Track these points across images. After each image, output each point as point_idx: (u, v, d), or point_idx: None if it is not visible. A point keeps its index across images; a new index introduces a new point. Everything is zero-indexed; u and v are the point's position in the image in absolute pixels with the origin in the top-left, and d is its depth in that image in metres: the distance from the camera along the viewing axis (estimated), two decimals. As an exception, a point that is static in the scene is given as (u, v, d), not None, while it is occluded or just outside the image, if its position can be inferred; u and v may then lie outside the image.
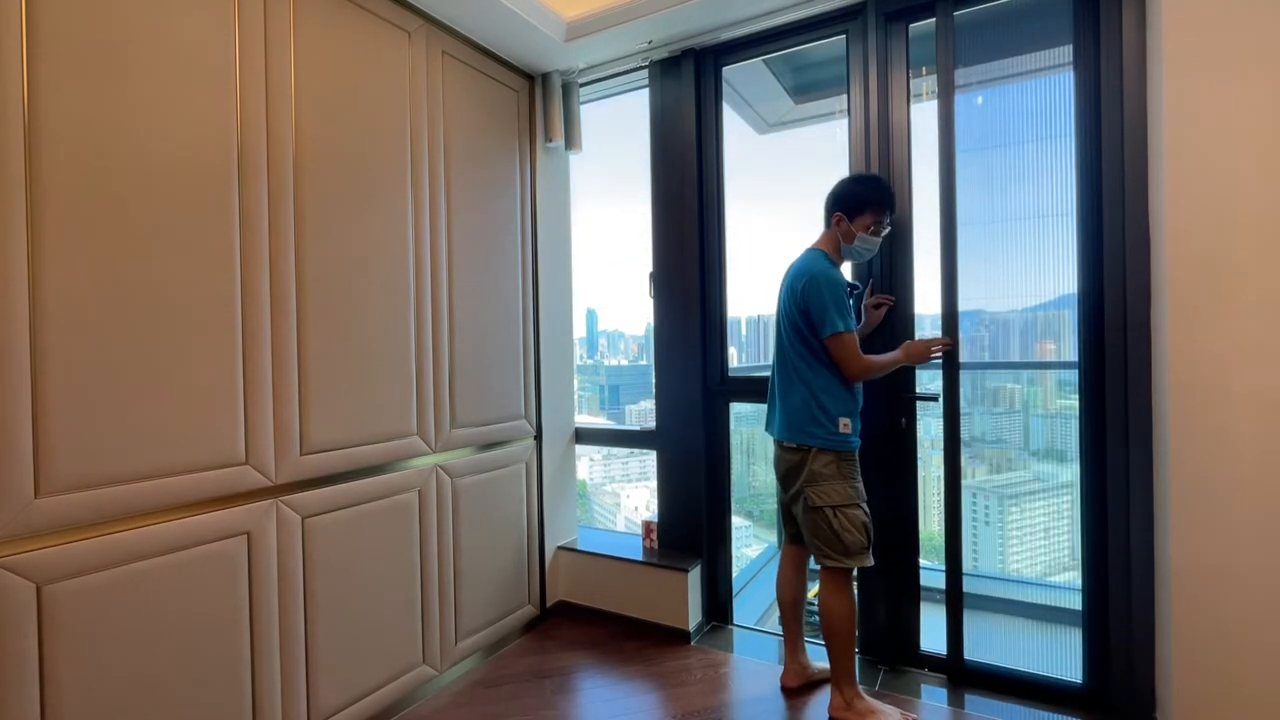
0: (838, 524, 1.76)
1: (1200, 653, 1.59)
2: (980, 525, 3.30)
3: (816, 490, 1.79)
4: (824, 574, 1.82)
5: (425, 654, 2.02)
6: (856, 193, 1.86)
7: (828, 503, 1.78)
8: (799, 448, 1.83)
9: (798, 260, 1.94)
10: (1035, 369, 2.37)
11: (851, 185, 1.89)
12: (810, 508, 1.80)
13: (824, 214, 1.94)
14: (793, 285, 1.85)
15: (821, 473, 1.79)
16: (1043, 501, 2.42)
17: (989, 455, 3.27)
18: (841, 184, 1.91)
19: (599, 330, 3.87)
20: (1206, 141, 1.57)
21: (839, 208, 1.87)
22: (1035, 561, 2.43)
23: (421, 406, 2.02)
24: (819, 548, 1.80)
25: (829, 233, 1.91)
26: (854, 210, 1.85)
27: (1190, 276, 1.59)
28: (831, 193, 1.92)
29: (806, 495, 1.81)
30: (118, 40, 1.33)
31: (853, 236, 1.85)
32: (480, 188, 2.27)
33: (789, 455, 1.87)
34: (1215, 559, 1.57)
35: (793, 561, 2.03)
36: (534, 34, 2.22)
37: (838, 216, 1.87)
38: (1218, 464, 1.56)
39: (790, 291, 1.86)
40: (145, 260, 1.36)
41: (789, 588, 2.03)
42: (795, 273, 1.88)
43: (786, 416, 1.87)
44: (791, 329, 1.85)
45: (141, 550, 1.36)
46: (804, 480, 1.82)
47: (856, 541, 1.76)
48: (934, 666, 2.08)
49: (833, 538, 1.77)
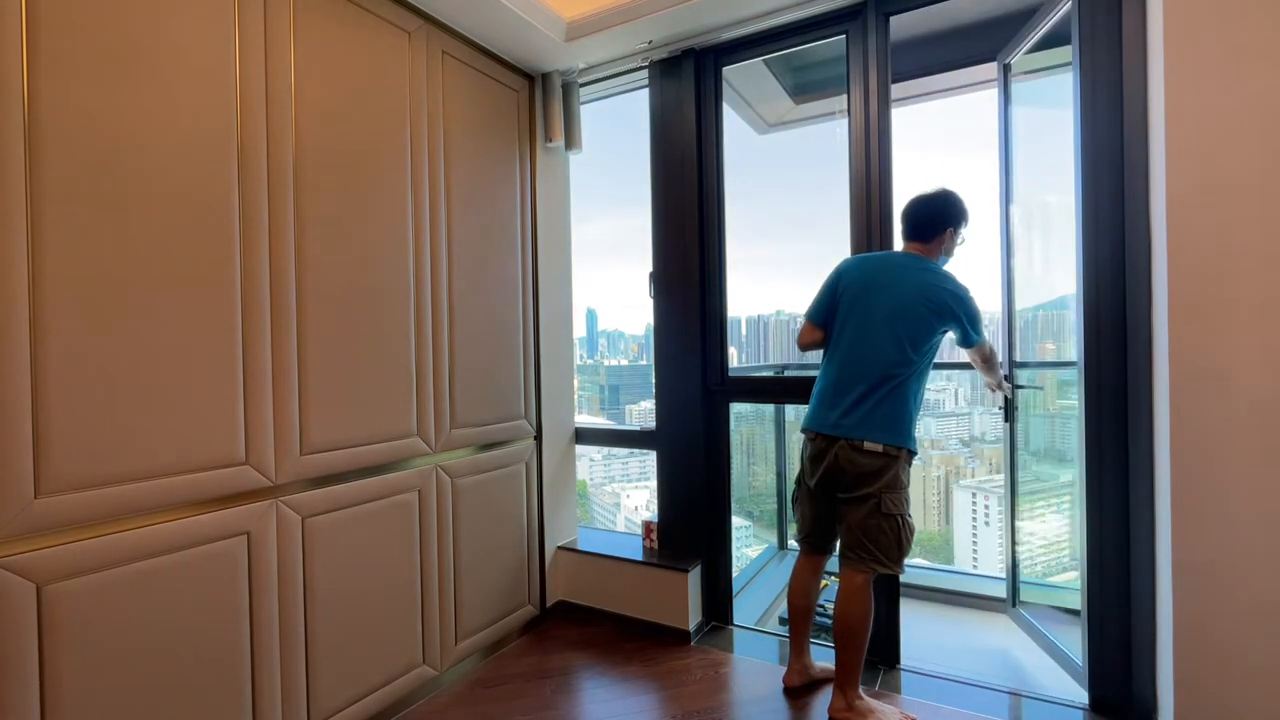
0: (905, 533, 1.77)
1: (1200, 653, 1.59)
2: (980, 525, 3.28)
3: (894, 497, 1.76)
4: (855, 578, 1.78)
5: (425, 654, 2.02)
6: (961, 207, 1.92)
7: (900, 511, 1.77)
8: (885, 451, 1.76)
9: (903, 261, 1.89)
10: (1035, 369, 2.37)
11: (959, 204, 1.92)
12: (882, 513, 1.75)
13: (918, 228, 1.91)
14: (929, 287, 1.81)
15: (902, 479, 1.79)
16: (1042, 501, 2.43)
17: (988, 455, 3.24)
18: (948, 200, 1.91)
19: (599, 330, 3.87)
20: (1206, 141, 1.57)
21: (952, 223, 1.90)
22: (1035, 562, 2.43)
23: (421, 406, 2.02)
24: (873, 553, 1.76)
25: (927, 245, 1.90)
26: (959, 223, 1.92)
27: (1190, 276, 1.59)
28: (938, 209, 1.90)
29: (882, 500, 1.75)
30: (118, 40, 1.33)
31: (954, 248, 1.95)
32: (480, 187, 2.27)
33: (868, 458, 1.76)
34: (1215, 559, 1.57)
35: (814, 570, 2.00)
36: (534, 34, 2.22)
37: (949, 231, 1.90)
38: (1217, 464, 1.56)
39: (924, 293, 1.80)
40: (145, 260, 1.36)
41: (805, 595, 2.00)
42: (926, 275, 1.84)
43: (874, 418, 1.78)
44: (906, 329, 1.79)
45: (141, 550, 1.36)
46: (884, 485, 1.75)
47: (908, 549, 1.80)
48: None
49: (893, 545, 1.76)
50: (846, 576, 1.80)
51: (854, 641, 1.78)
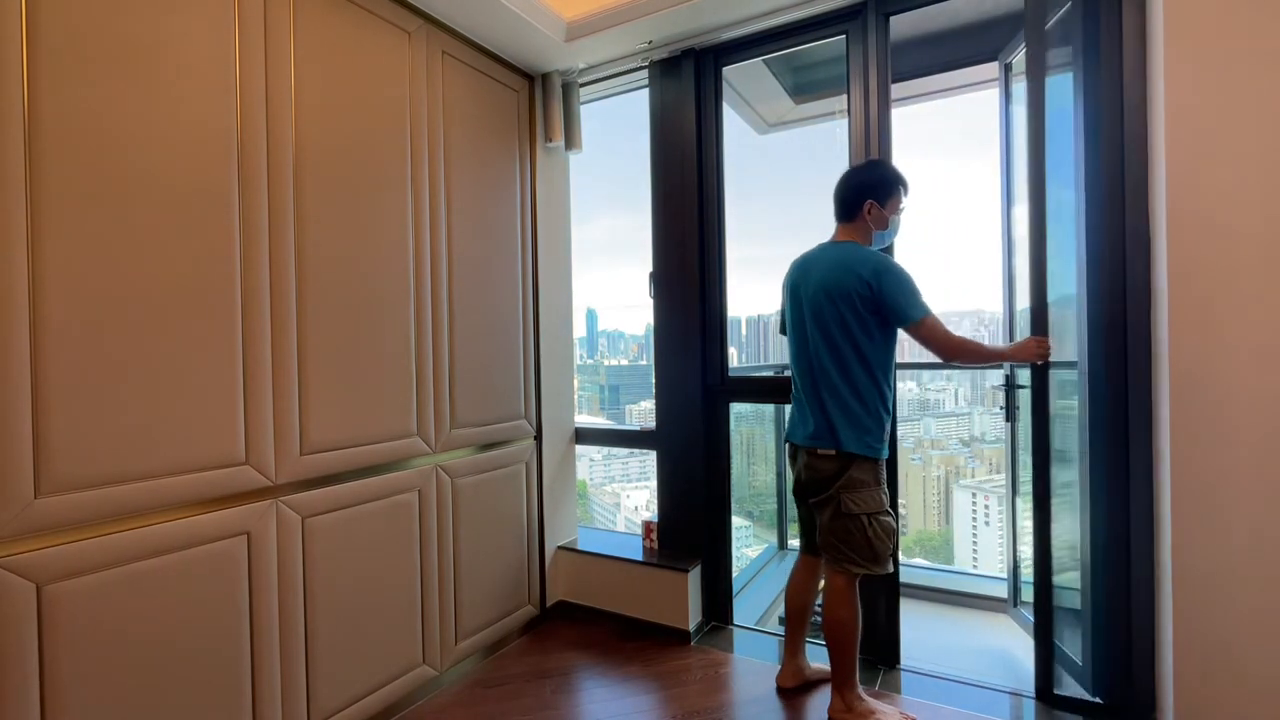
0: (872, 532, 1.73)
1: (1200, 653, 1.59)
2: (980, 525, 3.28)
3: (854, 497, 1.74)
4: (837, 580, 1.79)
5: (425, 654, 2.02)
6: (885, 176, 1.81)
7: (864, 510, 1.73)
8: (838, 454, 1.75)
9: (825, 254, 1.82)
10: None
11: (874, 171, 1.83)
12: (845, 514, 1.74)
13: (841, 208, 1.85)
14: (845, 275, 1.72)
15: (861, 479, 1.74)
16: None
17: (988, 455, 3.24)
18: (861, 174, 1.84)
19: (599, 330, 3.87)
20: (1206, 142, 1.57)
21: (870, 195, 1.79)
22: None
23: (421, 406, 2.02)
24: (846, 554, 1.75)
25: (854, 224, 1.83)
26: (885, 194, 1.80)
27: (1190, 276, 1.59)
28: (853, 185, 1.83)
29: (841, 501, 1.74)
30: (118, 40, 1.33)
31: (887, 220, 1.81)
32: (480, 188, 2.27)
33: (824, 464, 1.78)
34: (1215, 559, 1.57)
35: (811, 571, 2.00)
36: (534, 34, 2.22)
37: (869, 204, 1.79)
38: (1218, 464, 1.56)
39: (842, 283, 1.72)
40: (145, 260, 1.36)
41: (802, 595, 2.01)
42: (841, 263, 1.75)
43: (825, 422, 1.78)
44: (838, 325, 1.74)
45: (141, 550, 1.36)
46: (840, 486, 1.75)
47: (885, 549, 1.75)
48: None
49: (865, 545, 1.74)
50: (829, 579, 1.82)
51: (842, 643, 1.79)
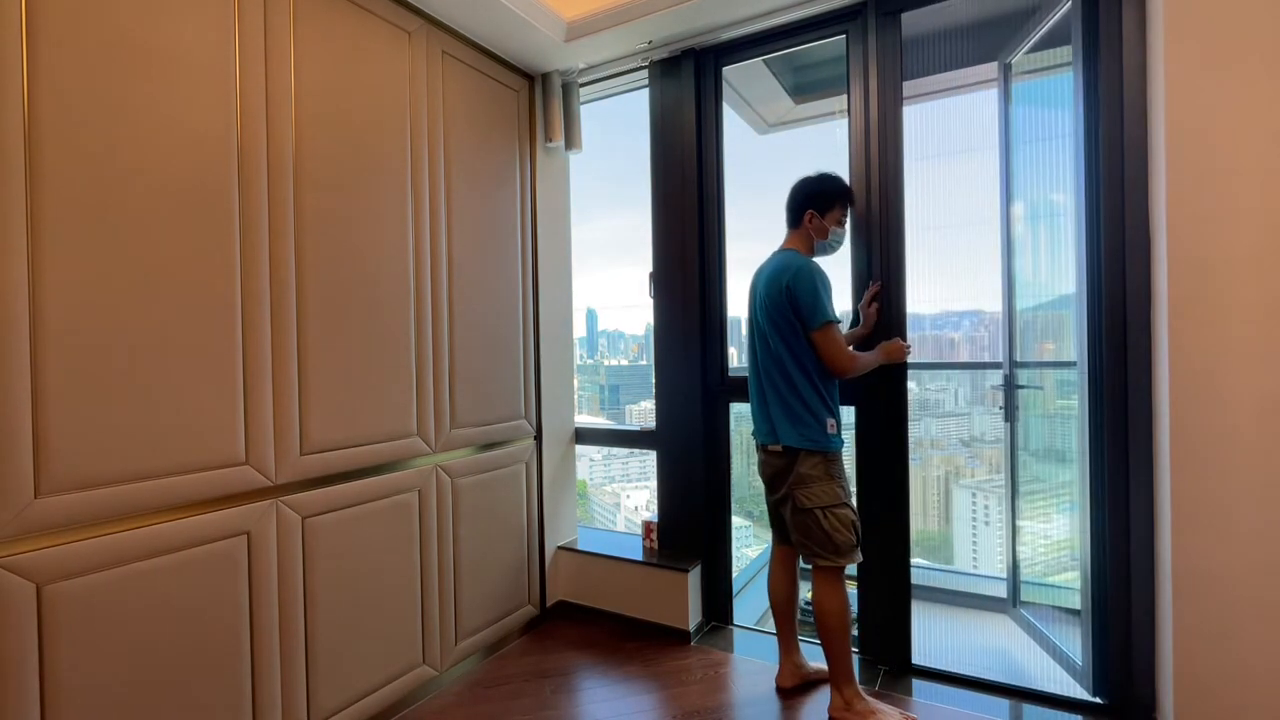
0: (828, 524, 1.77)
1: (1200, 652, 1.59)
2: (980, 525, 3.29)
3: (805, 492, 1.80)
4: (816, 574, 1.83)
5: (425, 654, 2.02)
6: (825, 188, 1.92)
7: (817, 504, 1.79)
8: (785, 450, 1.84)
9: (770, 261, 1.95)
10: (1035, 369, 2.37)
11: (817, 183, 1.94)
12: (800, 510, 1.81)
13: (788, 215, 1.98)
14: (773, 282, 1.84)
15: (809, 474, 1.80)
16: (1042, 501, 2.42)
17: (988, 455, 3.26)
18: (805, 184, 1.95)
19: (599, 330, 3.87)
20: (1206, 141, 1.57)
21: (810, 205, 1.91)
22: (1035, 562, 2.43)
23: (421, 406, 2.02)
24: (810, 548, 1.81)
25: (798, 232, 1.95)
26: (824, 205, 1.91)
27: (1190, 277, 1.59)
28: (798, 193, 1.95)
29: (794, 497, 1.82)
30: (118, 39, 1.33)
31: (826, 231, 1.91)
32: (480, 187, 2.27)
33: (774, 459, 1.88)
34: (1215, 558, 1.57)
35: (782, 562, 2.03)
36: (534, 34, 2.22)
37: (809, 214, 1.91)
38: (1218, 463, 1.56)
39: (770, 289, 1.85)
40: (144, 260, 1.36)
41: (780, 587, 2.04)
42: (774, 270, 1.87)
43: (770, 420, 1.87)
44: (772, 328, 1.85)
45: (141, 550, 1.36)
46: (791, 483, 1.83)
47: (847, 541, 1.78)
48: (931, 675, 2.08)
49: (824, 538, 1.78)
50: (813, 574, 1.85)
51: (833, 632, 1.80)
